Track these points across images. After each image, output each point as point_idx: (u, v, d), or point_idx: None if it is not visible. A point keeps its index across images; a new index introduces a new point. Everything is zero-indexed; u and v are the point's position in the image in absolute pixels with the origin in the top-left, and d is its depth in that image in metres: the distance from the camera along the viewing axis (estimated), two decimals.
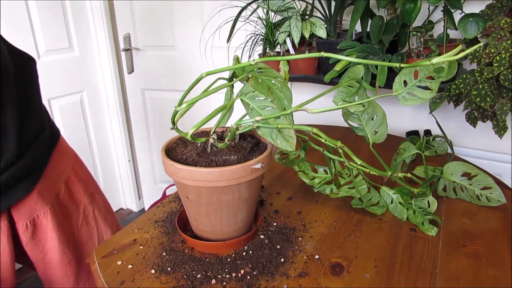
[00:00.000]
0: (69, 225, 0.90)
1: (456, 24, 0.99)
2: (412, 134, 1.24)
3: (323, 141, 0.70)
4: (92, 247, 0.94)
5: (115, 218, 1.06)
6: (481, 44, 0.50)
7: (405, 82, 0.57)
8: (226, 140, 0.66)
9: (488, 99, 0.93)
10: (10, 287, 0.79)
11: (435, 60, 0.45)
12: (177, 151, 0.71)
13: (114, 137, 2.19)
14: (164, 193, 1.99)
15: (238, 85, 0.72)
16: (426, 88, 0.55)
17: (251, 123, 0.63)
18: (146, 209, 2.35)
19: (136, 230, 0.79)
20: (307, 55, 0.54)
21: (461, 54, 0.43)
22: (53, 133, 0.89)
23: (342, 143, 0.70)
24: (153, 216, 0.84)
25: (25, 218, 0.79)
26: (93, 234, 0.97)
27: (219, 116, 0.70)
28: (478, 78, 0.94)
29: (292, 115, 0.61)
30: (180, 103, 0.58)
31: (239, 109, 0.79)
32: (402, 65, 0.49)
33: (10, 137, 0.72)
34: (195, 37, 1.77)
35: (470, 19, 0.94)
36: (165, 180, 2.26)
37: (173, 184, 2.00)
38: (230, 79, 0.72)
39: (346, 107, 0.63)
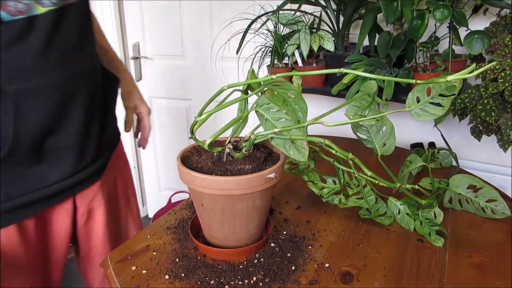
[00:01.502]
0: (110, 222, 0.97)
1: (462, 40, 1.02)
2: (417, 146, 1.26)
3: (334, 152, 0.72)
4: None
5: (141, 223, 1.12)
6: (494, 63, 0.52)
7: (418, 99, 0.60)
8: (243, 150, 0.68)
9: (493, 113, 0.96)
10: (60, 270, 0.89)
11: (450, 77, 0.47)
12: (192, 159, 0.73)
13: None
14: (170, 200, 2.01)
15: (251, 97, 0.75)
16: (438, 104, 0.57)
17: (267, 134, 0.65)
18: (150, 215, 2.37)
19: (149, 236, 0.81)
20: (325, 71, 0.56)
21: (475, 73, 0.45)
22: (117, 136, 0.99)
23: (352, 155, 0.72)
24: (165, 223, 0.86)
25: (84, 207, 0.88)
26: (122, 234, 1.04)
27: (231, 126, 0.73)
28: (483, 93, 0.97)
29: (306, 127, 0.64)
30: (201, 113, 0.60)
31: (250, 120, 0.81)
32: (418, 81, 0.51)
33: (92, 143, 0.82)
34: (204, 47, 1.80)
35: (476, 36, 0.96)
36: (169, 188, 2.27)
37: (178, 192, 2.02)
38: (245, 91, 0.74)
39: (359, 121, 0.65)
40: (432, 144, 1.31)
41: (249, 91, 0.73)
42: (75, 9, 0.73)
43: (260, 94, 0.70)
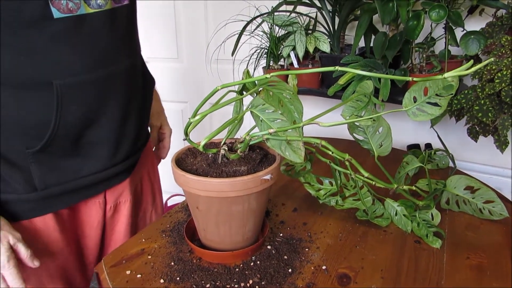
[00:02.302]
0: (135, 217, 0.99)
1: (458, 41, 1.02)
2: (413, 148, 1.26)
3: (330, 153, 0.72)
4: None
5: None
6: (492, 59, 0.52)
7: (414, 99, 0.59)
8: (239, 151, 0.67)
9: (489, 114, 0.95)
10: (95, 254, 0.93)
11: (447, 74, 0.47)
12: (186, 161, 0.72)
13: None
14: (166, 203, 1.99)
15: (246, 98, 0.74)
16: (435, 104, 0.57)
17: (262, 135, 0.64)
18: None
19: (143, 240, 0.80)
20: (320, 69, 0.55)
21: (472, 69, 0.44)
22: (148, 136, 1.02)
23: (349, 156, 0.71)
24: (160, 226, 0.85)
25: (112, 201, 0.92)
26: None
27: (226, 127, 0.72)
28: (480, 93, 0.97)
29: (302, 128, 0.63)
30: (194, 115, 0.59)
31: (245, 120, 0.81)
32: (414, 78, 0.51)
33: (127, 141, 0.86)
34: (199, 50, 1.79)
35: (472, 36, 0.96)
36: (166, 191, 2.25)
37: (174, 195, 2.00)
38: (240, 92, 0.73)
39: (356, 121, 0.64)
40: (428, 145, 1.31)
41: (244, 92, 0.72)
42: (122, 12, 0.78)
43: (255, 94, 0.69)
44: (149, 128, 1.10)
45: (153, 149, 1.14)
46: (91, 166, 0.81)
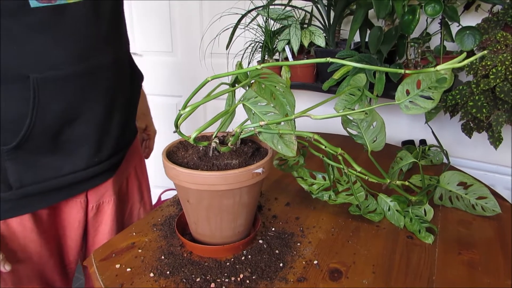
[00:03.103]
0: (120, 216, 0.97)
1: (453, 36, 1.01)
2: (408, 144, 1.26)
3: (323, 147, 0.71)
4: None
5: None
6: (485, 52, 0.51)
7: (407, 92, 0.58)
8: (229, 144, 0.66)
9: (484, 110, 0.95)
10: (76, 253, 0.91)
11: (440, 67, 0.46)
12: (178, 154, 0.71)
13: None
14: (159, 198, 1.99)
15: (238, 91, 0.73)
16: (428, 98, 0.56)
17: (253, 128, 0.64)
18: None
19: (134, 234, 0.79)
20: (312, 60, 0.55)
21: (465, 62, 0.44)
22: (135, 134, 0.99)
23: (342, 150, 0.71)
24: (151, 220, 0.84)
25: (94, 201, 0.89)
26: None
27: (219, 120, 0.71)
28: (474, 89, 0.96)
29: (294, 121, 0.62)
30: (184, 107, 0.58)
31: (238, 114, 0.80)
32: (407, 71, 0.50)
33: (110, 139, 0.82)
34: (194, 43, 1.78)
35: (467, 32, 0.96)
36: (159, 186, 2.25)
37: (169, 189, 1.99)
38: (232, 84, 0.73)
39: (348, 115, 0.63)
40: (423, 142, 1.31)
41: (236, 85, 0.71)
42: (107, 2, 0.74)
43: (247, 87, 0.68)
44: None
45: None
46: (71, 164, 0.78)
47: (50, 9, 0.64)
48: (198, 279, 0.65)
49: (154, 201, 2.05)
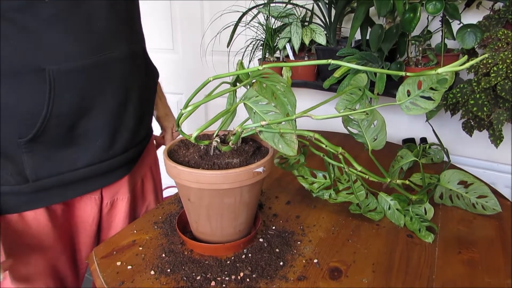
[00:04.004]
0: (134, 215, 0.98)
1: (454, 34, 1.01)
2: (408, 142, 1.26)
3: (324, 146, 0.71)
4: None
5: None
6: (486, 55, 0.51)
7: (408, 92, 0.58)
8: (230, 143, 0.66)
9: (485, 108, 0.95)
10: (89, 250, 0.91)
11: (441, 70, 0.46)
12: (179, 153, 0.71)
13: None
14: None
15: (240, 89, 0.73)
16: (429, 98, 0.56)
17: (254, 127, 0.64)
18: None
19: (135, 231, 0.79)
20: (315, 62, 0.55)
21: (467, 65, 0.44)
22: (151, 131, 1.00)
23: (342, 149, 0.71)
24: (152, 218, 0.84)
25: (109, 198, 0.90)
26: None
27: (219, 119, 0.71)
28: (475, 87, 0.96)
29: (295, 121, 0.62)
30: (186, 106, 0.58)
31: (240, 113, 0.80)
32: (408, 73, 0.50)
33: (126, 133, 0.83)
34: (195, 41, 1.77)
35: (468, 29, 0.95)
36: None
37: (170, 187, 1.99)
38: (234, 84, 0.73)
39: (349, 115, 0.64)
40: (424, 140, 1.31)
41: (237, 84, 0.71)
42: (120, 2, 0.75)
43: (248, 86, 0.68)
44: (160, 130, 1.10)
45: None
46: (86, 158, 0.78)
47: (64, 1, 0.65)
48: (198, 277, 0.65)
49: None
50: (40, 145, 0.73)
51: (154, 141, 1.10)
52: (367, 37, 1.14)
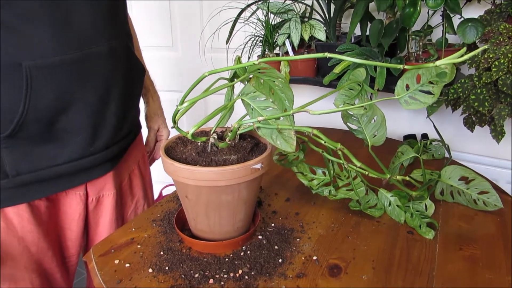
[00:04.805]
0: (121, 211, 0.97)
1: (455, 28, 1.00)
2: (409, 138, 1.25)
3: (323, 142, 0.70)
4: None
5: None
6: (486, 46, 0.50)
7: (407, 86, 0.58)
8: (227, 140, 0.66)
9: (486, 103, 0.94)
10: (77, 246, 0.91)
11: (439, 62, 0.45)
12: (176, 150, 0.71)
13: None
14: (161, 193, 1.99)
15: (238, 86, 0.72)
16: (428, 92, 0.55)
17: (252, 124, 0.63)
18: None
19: (133, 229, 0.79)
20: (310, 55, 0.54)
21: (466, 57, 0.43)
22: (137, 128, 0.99)
23: (341, 145, 0.70)
24: (150, 215, 0.84)
25: (94, 194, 0.89)
26: None
27: (218, 116, 0.70)
28: (477, 82, 0.95)
29: (293, 116, 0.62)
30: (182, 102, 0.58)
31: (238, 109, 0.79)
32: (406, 66, 0.49)
33: (106, 129, 0.82)
34: (194, 38, 1.76)
35: (469, 24, 0.94)
36: (160, 181, 2.24)
37: (170, 185, 1.99)
38: (231, 79, 0.72)
39: (347, 110, 0.63)
40: (425, 136, 1.30)
41: (235, 80, 0.70)
42: None
43: (246, 82, 0.68)
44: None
45: (148, 151, 1.13)
46: (67, 153, 0.78)
47: None
48: (196, 275, 0.65)
49: (155, 196, 2.06)
50: (19, 140, 0.72)
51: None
52: (367, 33, 1.13)
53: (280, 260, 0.68)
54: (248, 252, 0.70)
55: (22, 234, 0.79)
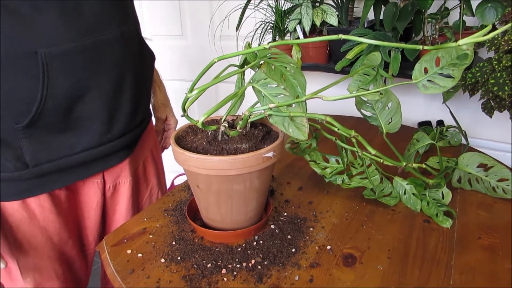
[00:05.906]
0: (137, 198, 0.99)
1: (474, 10, 0.96)
2: (424, 125, 1.22)
3: (336, 130, 0.69)
4: None
5: None
6: (509, 25, 0.47)
7: (425, 70, 0.55)
8: (238, 128, 0.64)
9: (506, 88, 0.90)
10: (96, 234, 0.93)
11: (462, 41, 0.43)
12: (187, 139, 0.70)
13: None
14: (172, 183, 1.99)
15: (249, 73, 0.71)
16: (448, 76, 0.53)
17: (263, 111, 0.61)
18: None
19: (145, 219, 0.78)
20: (323, 37, 0.52)
21: (491, 35, 0.40)
22: (149, 115, 1.00)
23: (355, 132, 0.68)
24: (162, 205, 0.83)
25: (111, 181, 0.91)
26: None
27: (229, 104, 0.69)
28: (496, 66, 0.92)
29: (305, 103, 0.60)
30: (191, 89, 0.56)
31: (249, 97, 0.77)
32: (425, 47, 0.47)
33: (122, 116, 0.82)
34: (203, 26, 1.75)
35: (489, 4, 0.91)
36: (173, 170, 2.24)
37: (182, 174, 1.99)
38: (241, 66, 0.70)
39: (362, 95, 0.61)
40: (440, 122, 1.26)
41: (245, 66, 0.68)
42: None
43: (257, 69, 0.66)
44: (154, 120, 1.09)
45: (158, 139, 1.13)
46: (84, 142, 0.78)
47: None
48: (209, 265, 0.64)
49: (167, 185, 2.06)
50: (38, 130, 0.73)
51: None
52: (381, 17, 1.10)
53: (293, 250, 0.67)
54: (261, 241, 0.69)
55: (44, 224, 0.81)
